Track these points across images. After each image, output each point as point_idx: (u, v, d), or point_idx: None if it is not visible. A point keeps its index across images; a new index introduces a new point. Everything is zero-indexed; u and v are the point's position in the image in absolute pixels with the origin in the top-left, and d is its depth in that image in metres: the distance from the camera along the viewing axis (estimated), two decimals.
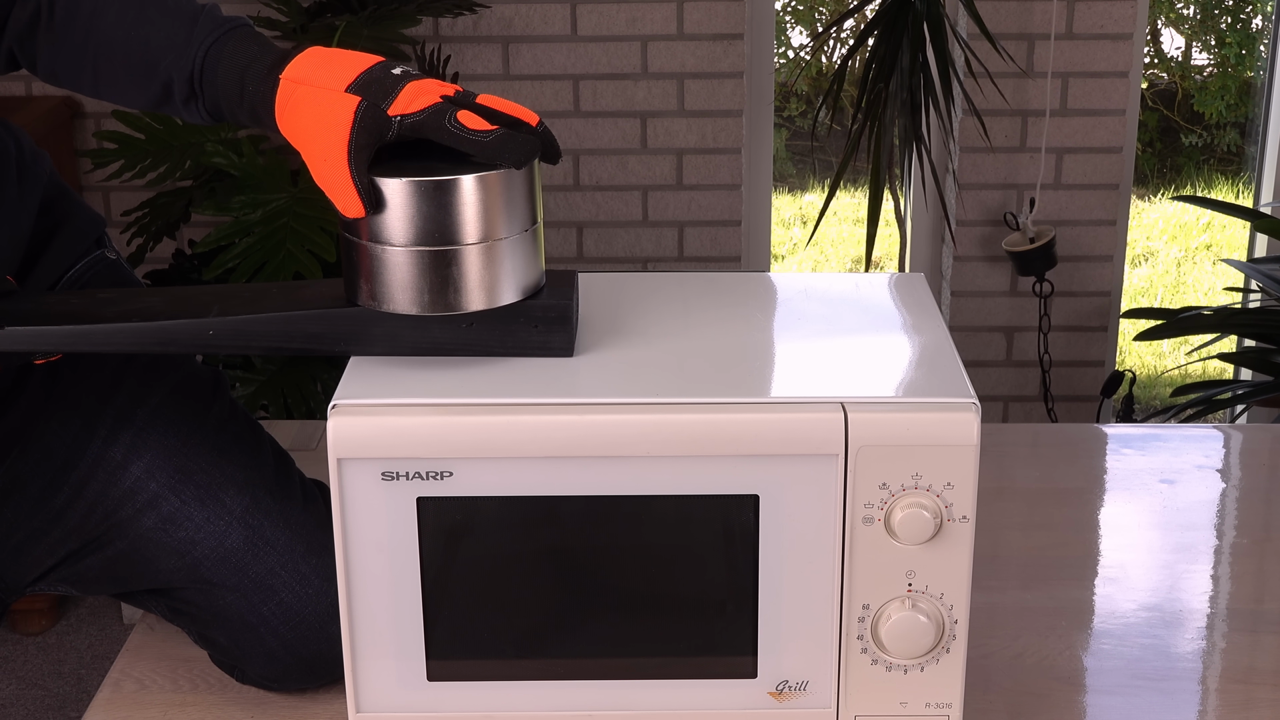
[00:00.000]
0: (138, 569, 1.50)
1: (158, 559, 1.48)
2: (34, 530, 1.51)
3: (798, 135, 5.11)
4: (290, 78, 1.26)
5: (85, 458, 1.50)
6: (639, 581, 1.24)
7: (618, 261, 3.68)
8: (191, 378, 1.57)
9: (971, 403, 1.18)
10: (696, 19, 3.50)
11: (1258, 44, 5.12)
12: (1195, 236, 5.33)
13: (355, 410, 1.18)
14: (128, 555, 1.49)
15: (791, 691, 1.25)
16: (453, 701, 1.25)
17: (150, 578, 1.50)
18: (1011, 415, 3.80)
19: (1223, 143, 5.32)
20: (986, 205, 3.64)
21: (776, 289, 1.49)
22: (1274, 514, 1.78)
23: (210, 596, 1.47)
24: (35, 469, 1.51)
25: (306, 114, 1.24)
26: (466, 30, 3.49)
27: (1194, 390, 3.46)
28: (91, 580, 1.54)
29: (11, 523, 1.51)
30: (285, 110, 1.26)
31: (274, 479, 1.51)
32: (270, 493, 1.49)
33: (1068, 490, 1.79)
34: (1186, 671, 1.44)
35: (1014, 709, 1.37)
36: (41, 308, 1.33)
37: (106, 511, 1.48)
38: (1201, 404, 3.35)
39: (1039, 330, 3.71)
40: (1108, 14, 3.49)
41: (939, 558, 1.20)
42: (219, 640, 1.47)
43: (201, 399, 1.56)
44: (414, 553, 1.20)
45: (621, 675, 1.25)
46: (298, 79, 1.25)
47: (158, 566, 1.48)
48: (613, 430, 1.18)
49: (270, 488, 1.50)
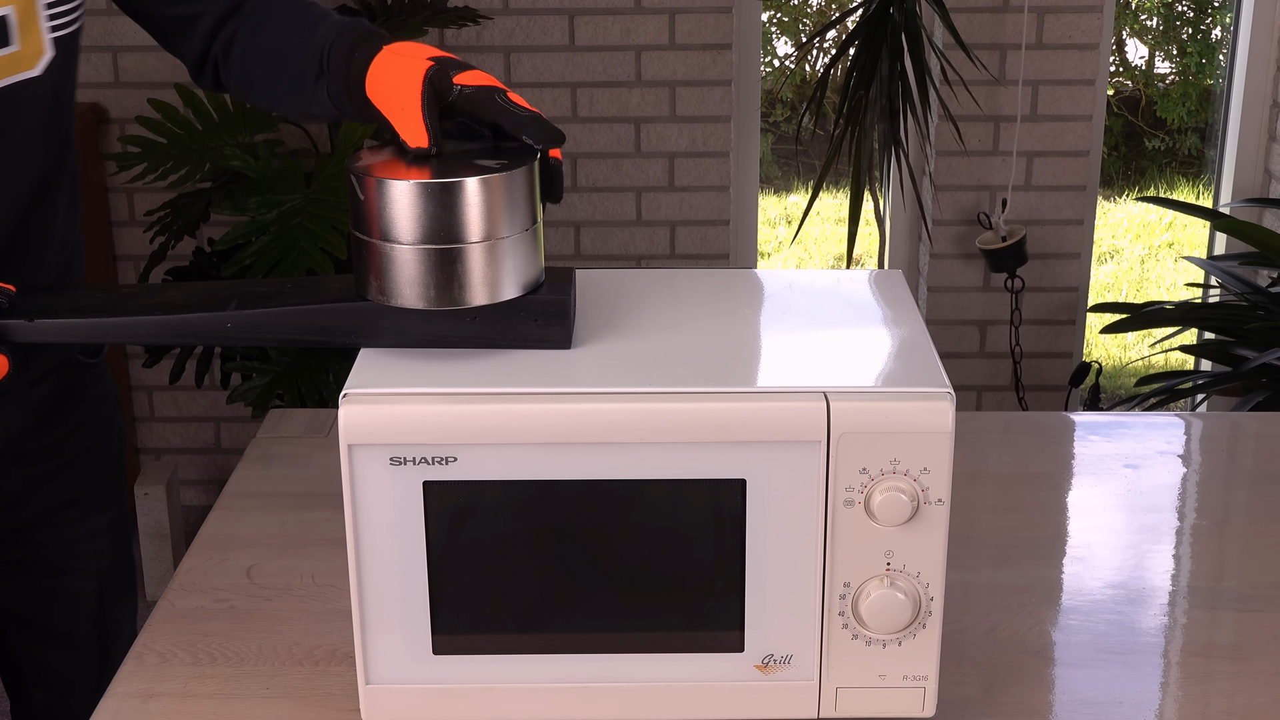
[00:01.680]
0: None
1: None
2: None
3: (783, 140, 5.10)
4: (390, 49, 1.40)
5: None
6: (632, 561, 1.24)
7: (613, 259, 3.68)
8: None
9: (947, 392, 1.18)
10: (687, 30, 3.50)
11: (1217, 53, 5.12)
12: (1158, 235, 5.33)
13: (365, 399, 1.18)
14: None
15: (776, 665, 1.25)
16: (456, 674, 1.25)
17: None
18: (985, 404, 3.80)
19: (1184, 147, 5.31)
20: (961, 206, 3.64)
21: (763, 285, 1.49)
22: (1232, 497, 1.78)
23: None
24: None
25: (392, 73, 1.38)
26: (471, 40, 3.49)
27: (1157, 380, 3.46)
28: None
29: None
30: (377, 72, 1.39)
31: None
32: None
33: (1037, 475, 1.79)
34: (1149, 645, 1.44)
35: (987, 681, 1.37)
36: (70, 301, 1.33)
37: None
38: (1164, 393, 3.36)
39: (1010, 324, 3.71)
40: (1075, 25, 3.49)
41: (916, 538, 1.20)
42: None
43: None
44: (420, 533, 1.20)
45: (616, 649, 1.25)
46: (394, 50, 1.40)
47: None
48: (608, 418, 1.18)
49: None
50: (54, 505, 1.70)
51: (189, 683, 1.38)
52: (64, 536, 1.73)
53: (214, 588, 1.53)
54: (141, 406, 3.84)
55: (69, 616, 1.73)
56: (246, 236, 2.87)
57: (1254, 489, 1.79)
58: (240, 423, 3.84)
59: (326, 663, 1.40)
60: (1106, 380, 4.49)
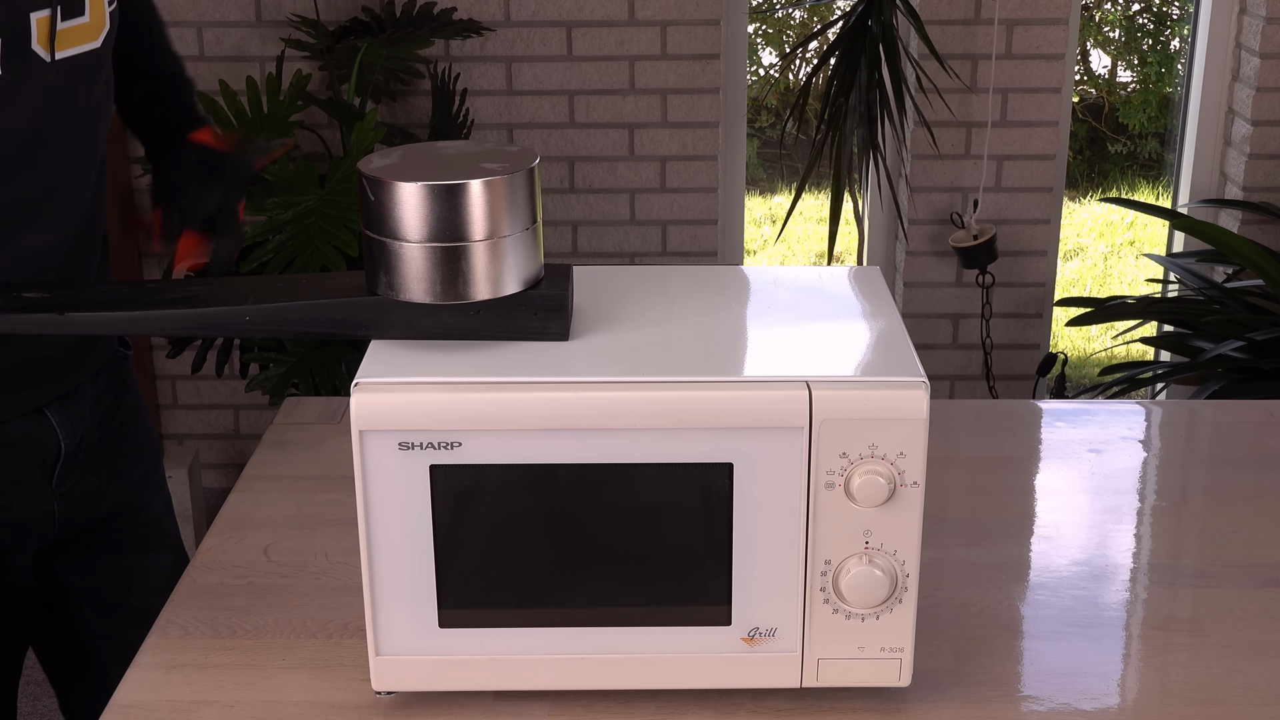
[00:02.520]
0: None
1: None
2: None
3: (767, 144, 5.10)
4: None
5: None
6: (626, 540, 1.24)
7: (608, 256, 3.68)
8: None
9: (922, 381, 1.18)
10: (678, 41, 3.50)
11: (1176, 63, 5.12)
12: (1120, 234, 5.33)
13: (375, 388, 1.18)
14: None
15: (761, 637, 1.25)
16: (461, 646, 1.25)
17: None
18: (957, 393, 3.80)
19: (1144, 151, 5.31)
20: (935, 206, 3.64)
21: (749, 280, 1.49)
22: (1190, 480, 1.78)
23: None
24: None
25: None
26: (475, 51, 3.48)
27: (1119, 370, 3.46)
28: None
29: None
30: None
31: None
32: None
33: (1007, 459, 1.79)
34: (1112, 619, 1.44)
35: (959, 653, 1.37)
36: (99, 295, 1.33)
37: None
38: (1125, 382, 3.36)
39: (981, 317, 3.71)
40: (1042, 36, 3.49)
41: (892, 519, 1.20)
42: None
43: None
44: (426, 514, 1.20)
45: (610, 623, 1.25)
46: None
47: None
48: (604, 406, 1.18)
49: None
50: (128, 490, 1.70)
51: (209, 654, 1.38)
52: (141, 520, 1.73)
53: (233, 565, 1.53)
54: (165, 394, 3.84)
55: (145, 593, 1.72)
56: (264, 235, 2.86)
57: (1210, 472, 1.79)
58: (258, 410, 3.84)
59: (339, 635, 1.40)
60: (1071, 370, 4.49)
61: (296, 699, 1.31)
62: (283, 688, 1.33)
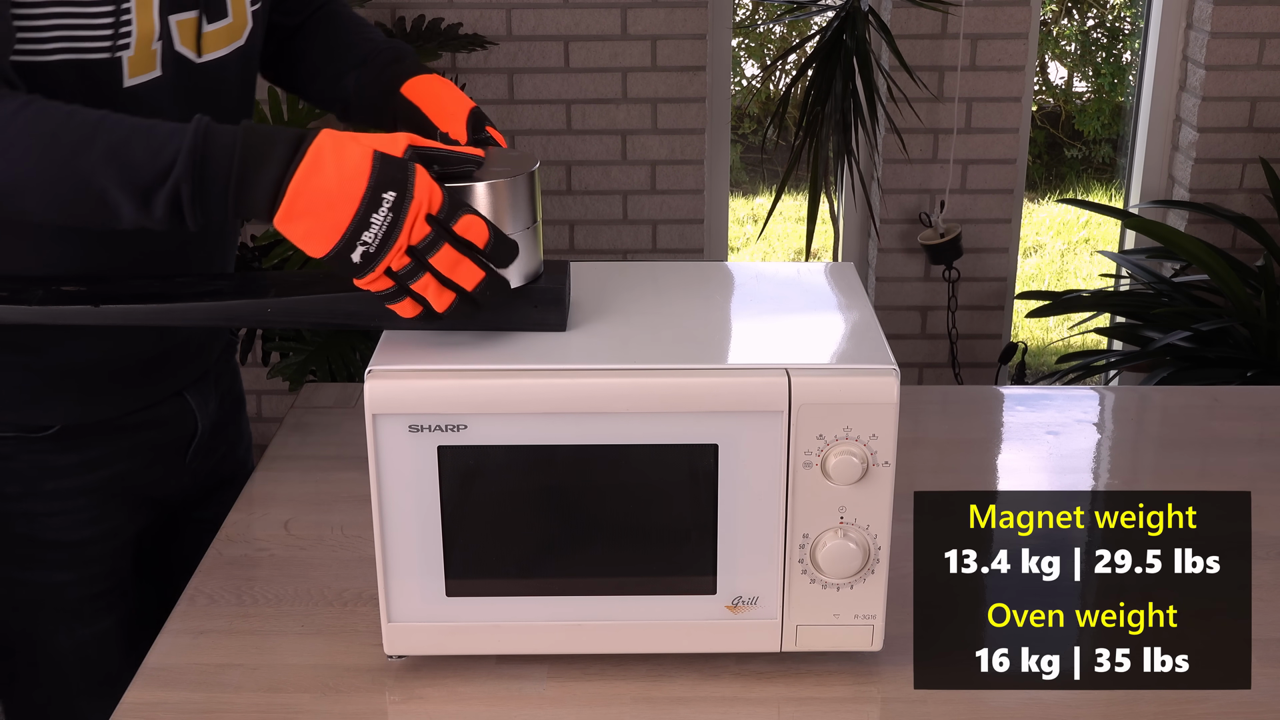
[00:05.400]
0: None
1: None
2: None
3: (750, 149, 5.09)
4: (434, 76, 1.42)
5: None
6: (620, 515, 1.24)
7: (602, 253, 3.67)
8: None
9: (892, 369, 1.18)
10: (667, 54, 3.49)
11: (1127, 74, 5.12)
12: (1076, 232, 5.33)
13: (387, 375, 1.18)
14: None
15: (744, 605, 1.25)
16: (467, 614, 1.25)
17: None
18: (925, 379, 3.80)
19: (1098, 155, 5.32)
20: (905, 207, 3.64)
21: (733, 275, 1.49)
22: (1140, 460, 1.78)
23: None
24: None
25: (441, 90, 1.40)
26: (479, 63, 3.47)
27: (1075, 359, 3.47)
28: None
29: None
30: (422, 83, 1.41)
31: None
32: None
33: (971, 440, 1.79)
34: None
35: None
36: (132, 289, 1.32)
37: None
38: (1081, 370, 3.36)
39: (948, 309, 3.71)
40: (1004, 50, 3.49)
41: (866, 496, 1.20)
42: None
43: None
44: (435, 492, 1.20)
45: (605, 592, 1.25)
46: (438, 78, 1.41)
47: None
48: (598, 391, 1.18)
49: None
50: (235, 467, 1.69)
51: (234, 621, 1.38)
52: (240, 490, 1.72)
53: (256, 539, 1.53)
54: None
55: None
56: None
57: (1159, 453, 1.80)
58: (279, 395, 3.83)
59: (354, 604, 1.40)
60: (1031, 358, 4.49)
61: (314, 662, 1.31)
62: (302, 651, 1.33)
